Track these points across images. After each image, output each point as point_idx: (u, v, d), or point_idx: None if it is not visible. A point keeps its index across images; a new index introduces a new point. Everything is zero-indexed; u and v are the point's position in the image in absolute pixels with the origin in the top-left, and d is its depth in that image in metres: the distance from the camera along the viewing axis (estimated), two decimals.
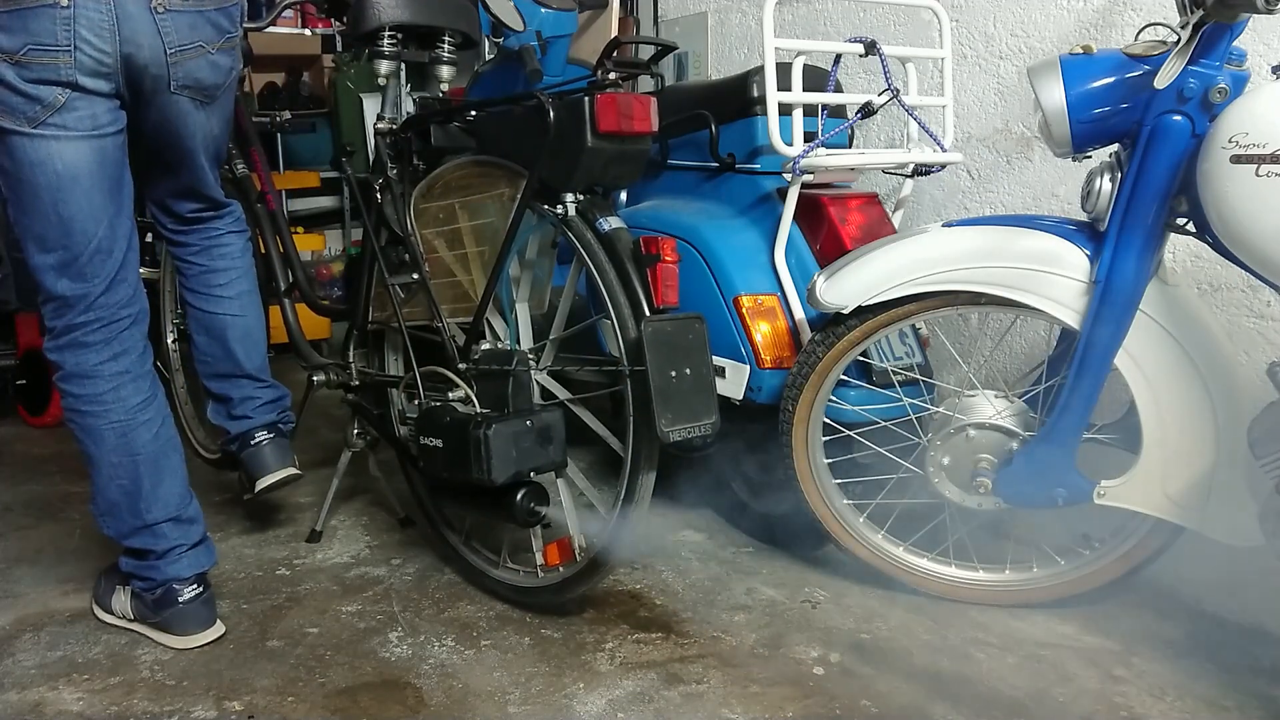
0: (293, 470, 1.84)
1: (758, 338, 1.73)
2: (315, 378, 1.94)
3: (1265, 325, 1.59)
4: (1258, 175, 1.21)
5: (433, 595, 1.74)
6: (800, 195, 1.72)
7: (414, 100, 1.87)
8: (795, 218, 1.75)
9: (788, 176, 1.68)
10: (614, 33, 2.57)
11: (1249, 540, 1.43)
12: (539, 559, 1.66)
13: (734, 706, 1.40)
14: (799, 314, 1.75)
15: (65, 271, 1.48)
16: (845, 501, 1.73)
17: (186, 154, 1.61)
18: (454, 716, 1.38)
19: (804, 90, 1.66)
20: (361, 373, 1.91)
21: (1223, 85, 1.30)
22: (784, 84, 1.64)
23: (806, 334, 1.74)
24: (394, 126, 1.77)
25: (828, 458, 1.71)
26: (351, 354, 1.91)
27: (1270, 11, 1.17)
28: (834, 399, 1.69)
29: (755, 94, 1.84)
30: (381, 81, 1.82)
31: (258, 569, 1.84)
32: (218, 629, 1.59)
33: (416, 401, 1.67)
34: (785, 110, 1.64)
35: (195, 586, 1.58)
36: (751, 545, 1.96)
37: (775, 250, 1.76)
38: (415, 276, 1.71)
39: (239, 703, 1.41)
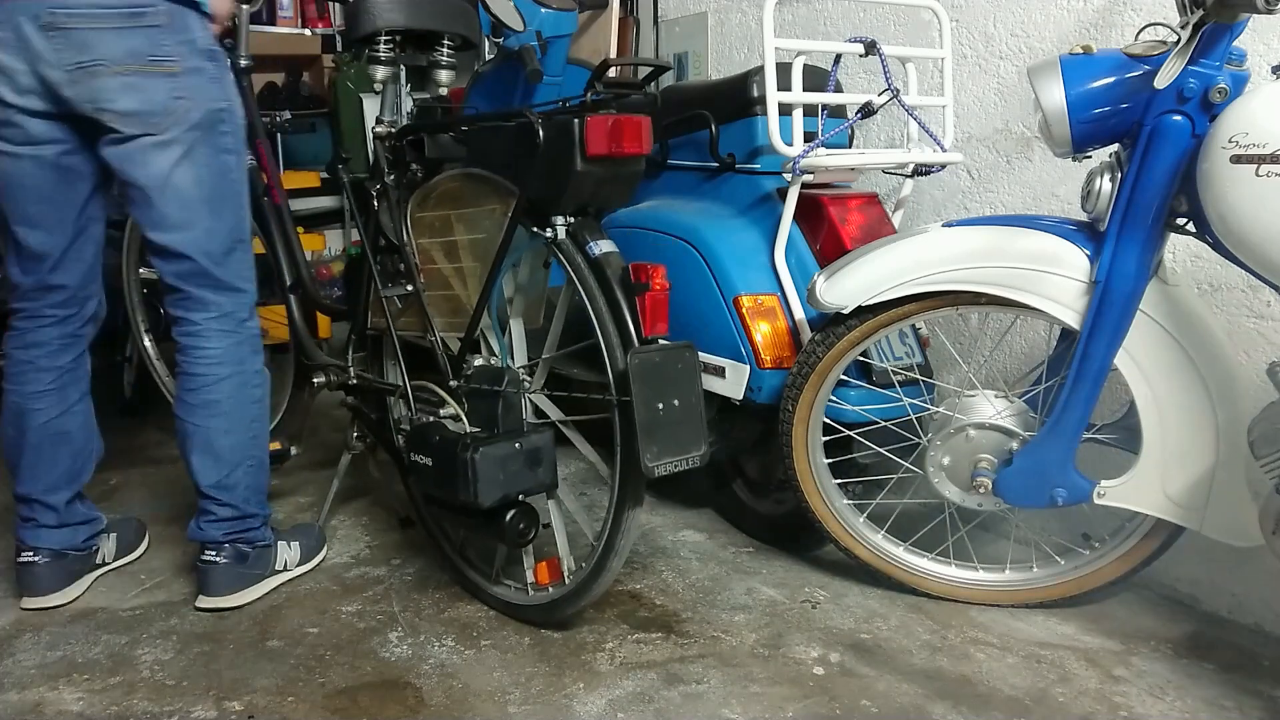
0: (223, 603, 1.68)
1: (758, 338, 1.73)
2: (315, 379, 1.92)
3: (1265, 325, 1.59)
4: (1258, 175, 1.21)
5: (433, 595, 1.74)
6: (800, 195, 1.72)
7: (413, 101, 1.86)
8: (795, 218, 1.75)
9: (788, 176, 1.68)
10: (614, 33, 2.57)
11: (1249, 540, 1.43)
12: (529, 576, 1.64)
13: (734, 706, 1.40)
14: (799, 314, 1.75)
15: (14, 262, 1.62)
16: (845, 501, 1.73)
17: (139, 193, 1.53)
18: (454, 716, 1.38)
19: (804, 90, 1.66)
20: (360, 376, 1.89)
21: (1223, 85, 1.30)
22: (784, 84, 1.64)
23: (806, 334, 1.74)
24: (392, 130, 1.76)
25: (828, 458, 1.71)
26: (351, 357, 1.90)
27: (1270, 11, 1.17)
28: (834, 399, 1.69)
29: (755, 94, 1.84)
30: (378, 86, 1.80)
31: None
32: (59, 597, 1.69)
33: (409, 414, 1.66)
34: (785, 110, 1.64)
35: (31, 554, 1.69)
36: (751, 545, 1.96)
37: (775, 250, 1.76)
38: (409, 288, 1.69)
39: (239, 703, 1.41)
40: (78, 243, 1.62)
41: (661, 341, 1.43)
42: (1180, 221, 1.42)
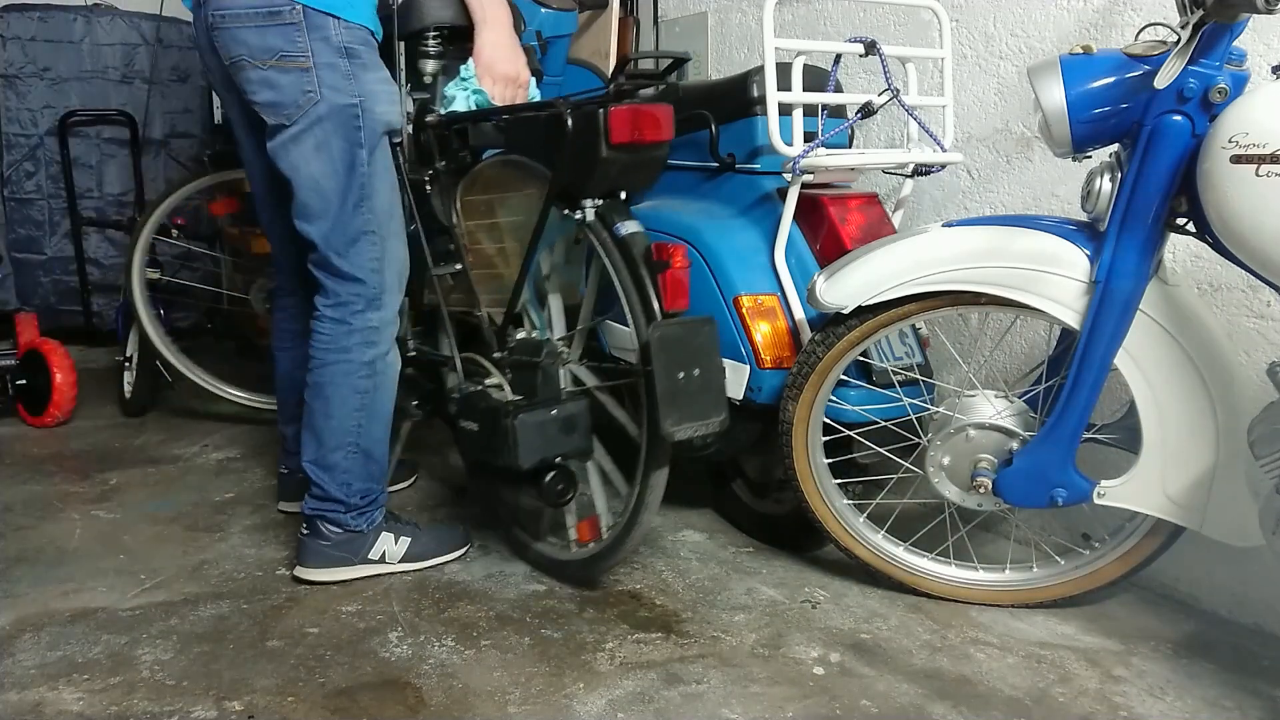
0: (305, 575, 1.79)
1: (758, 338, 1.73)
2: None
3: (1265, 325, 1.59)
4: (1258, 175, 1.21)
5: (433, 595, 1.74)
6: (800, 195, 1.72)
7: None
8: (795, 218, 1.75)
9: (788, 176, 1.68)
10: (614, 33, 2.57)
11: (1249, 540, 1.43)
12: (572, 534, 1.77)
13: (734, 706, 1.40)
14: (799, 314, 1.75)
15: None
16: (845, 501, 1.73)
17: (288, 183, 1.64)
18: (454, 716, 1.38)
19: (804, 90, 1.66)
20: (418, 349, 2.00)
21: (1223, 85, 1.30)
22: (784, 84, 1.64)
23: (806, 334, 1.74)
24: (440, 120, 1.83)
25: (828, 458, 1.71)
26: (409, 331, 2.01)
27: (1270, 11, 1.17)
28: (834, 399, 1.69)
29: (755, 94, 1.84)
30: (428, 79, 1.88)
31: (258, 569, 1.84)
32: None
33: (459, 383, 1.78)
34: (785, 110, 1.64)
35: (284, 470, 2.06)
36: (751, 545, 1.96)
37: (775, 250, 1.76)
38: (459, 266, 1.81)
39: (239, 703, 1.41)
40: (287, 234, 1.77)
41: (683, 316, 1.54)
42: (1180, 221, 1.42)
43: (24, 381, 2.77)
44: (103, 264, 3.50)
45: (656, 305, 1.52)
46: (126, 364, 2.87)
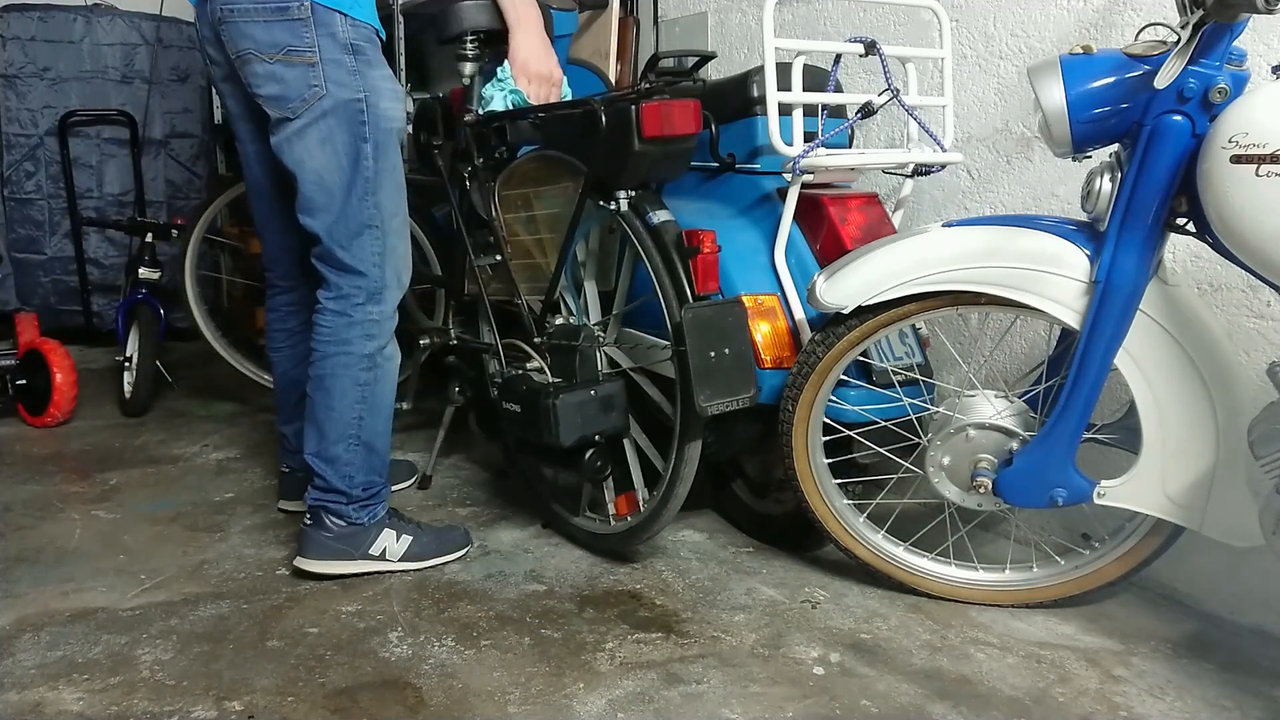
0: (306, 566, 1.79)
1: (758, 338, 1.73)
2: (421, 340, 2.15)
3: (1265, 325, 1.59)
4: (1258, 175, 1.21)
5: (433, 595, 1.74)
6: (800, 195, 1.72)
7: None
8: (795, 218, 1.75)
9: (788, 176, 1.68)
10: (614, 33, 2.57)
11: (1249, 540, 1.43)
12: (611, 509, 1.86)
13: (734, 706, 1.40)
14: (799, 314, 1.75)
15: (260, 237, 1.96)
16: (845, 501, 1.73)
17: (292, 178, 1.65)
18: (454, 716, 1.38)
19: (804, 90, 1.66)
20: (460, 338, 2.14)
21: (1223, 85, 1.30)
22: (784, 84, 1.64)
23: (806, 334, 1.74)
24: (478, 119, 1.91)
25: (828, 458, 1.71)
26: (451, 321, 2.15)
27: (1270, 11, 1.17)
28: (834, 399, 1.69)
29: (755, 94, 1.84)
30: (466, 81, 1.94)
31: (258, 569, 1.84)
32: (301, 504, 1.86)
33: (501, 369, 1.88)
34: (785, 110, 1.64)
35: (285, 468, 2.06)
36: (751, 545, 1.96)
37: (775, 250, 1.76)
38: (499, 258, 1.90)
39: (239, 703, 1.41)
40: (285, 230, 1.82)
41: (713, 298, 1.62)
42: (1180, 221, 1.42)
43: (24, 381, 2.77)
44: (103, 264, 3.51)
45: (688, 288, 1.60)
46: (126, 364, 2.87)
